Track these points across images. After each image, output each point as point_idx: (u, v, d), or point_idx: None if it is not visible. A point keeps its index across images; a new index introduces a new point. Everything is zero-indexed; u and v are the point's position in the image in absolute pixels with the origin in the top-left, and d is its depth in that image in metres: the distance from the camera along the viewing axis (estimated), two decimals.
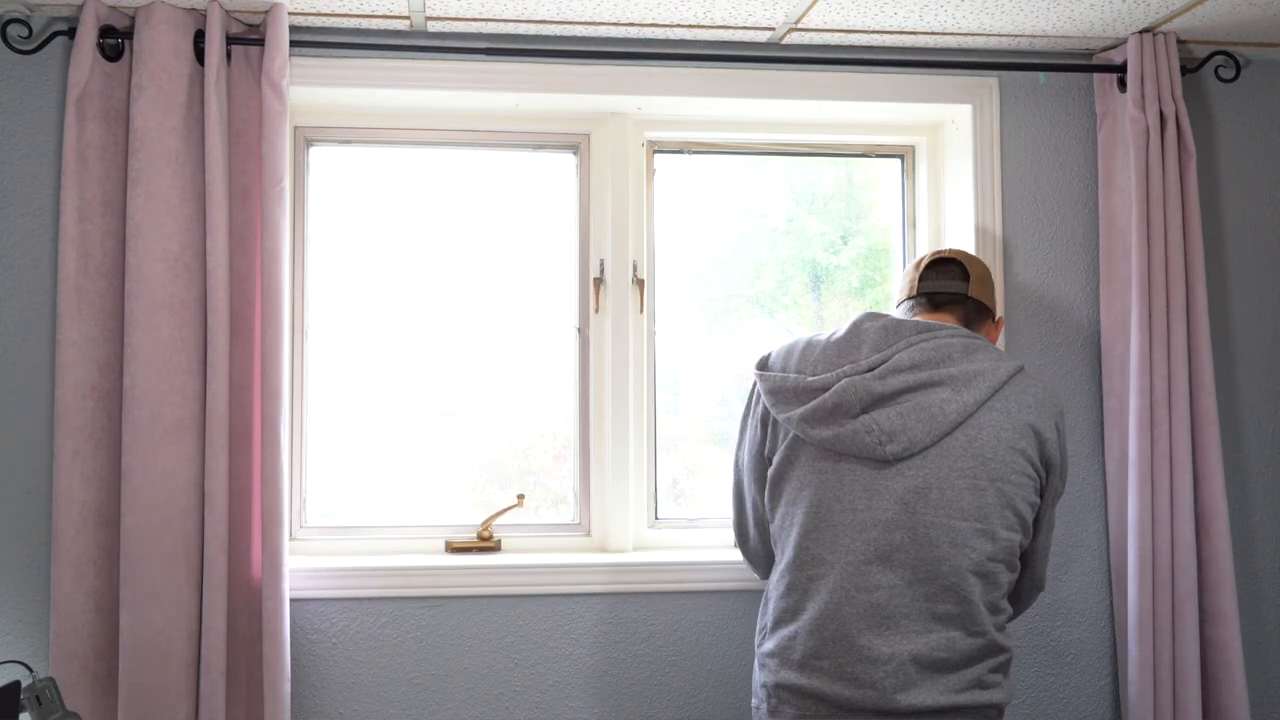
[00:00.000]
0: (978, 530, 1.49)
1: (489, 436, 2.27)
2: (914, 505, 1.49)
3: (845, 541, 1.50)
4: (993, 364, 1.55)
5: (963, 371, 1.52)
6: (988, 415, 1.51)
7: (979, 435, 1.51)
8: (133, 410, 1.86)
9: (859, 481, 1.51)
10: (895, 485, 1.50)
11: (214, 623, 1.85)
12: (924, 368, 1.52)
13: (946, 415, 1.49)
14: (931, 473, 1.49)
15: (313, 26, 2.05)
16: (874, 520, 1.49)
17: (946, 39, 2.13)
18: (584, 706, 2.10)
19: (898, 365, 1.52)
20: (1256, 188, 2.28)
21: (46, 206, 1.99)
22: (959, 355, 1.54)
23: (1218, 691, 2.07)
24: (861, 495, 1.51)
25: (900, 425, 1.49)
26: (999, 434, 1.51)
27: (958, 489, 1.49)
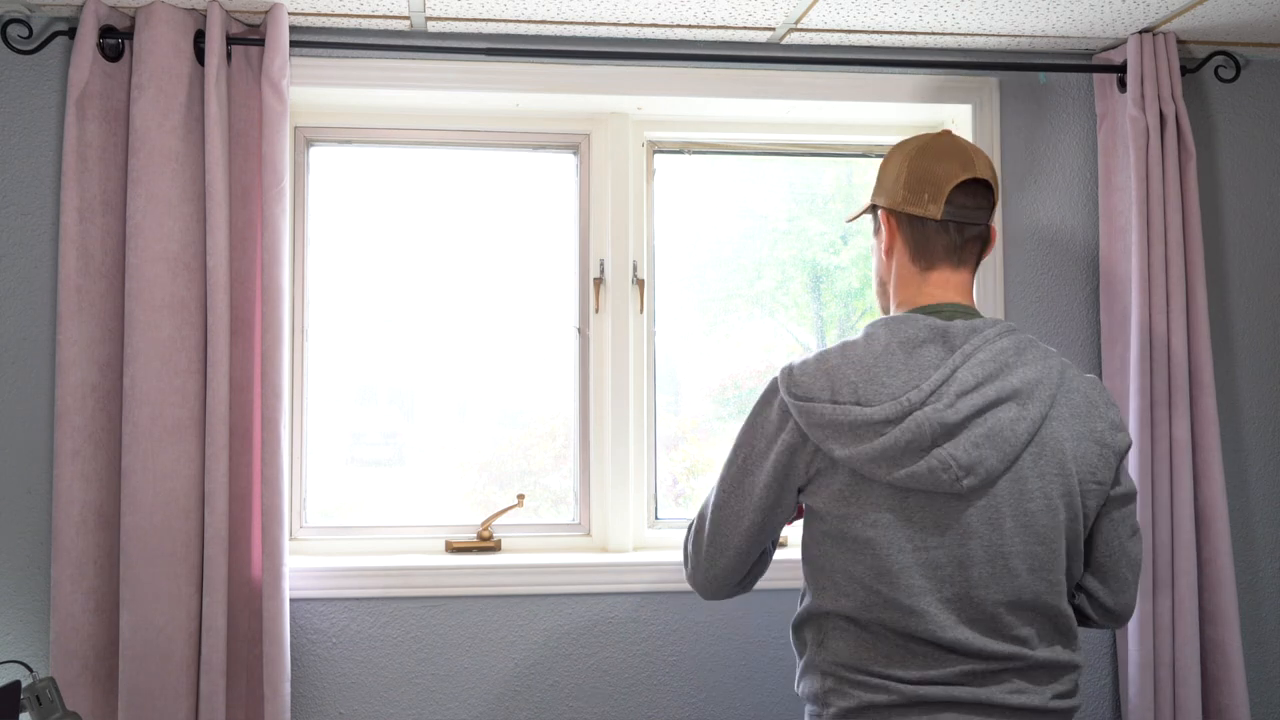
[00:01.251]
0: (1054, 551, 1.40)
1: (489, 436, 2.27)
2: (989, 537, 1.37)
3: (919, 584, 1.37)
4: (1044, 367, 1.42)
5: (1024, 382, 1.38)
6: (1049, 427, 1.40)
7: (1044, 450, 1.39)
8: (133, 410, 1.86)
9: (929, 517, 1.37)
10: (970, 518, 1.37)
11: (214, 622, 1.86)
12: (988, 383, 1.37)
13: (1018, 436, 1.36)
14: (1004, 498, 1.37)
15: (313, 26, 2.05)
16: (949, 557, 1.37)
17: (946, 39, 2.13)
18: (584, 706, 2.10)
19: (963, 386, 1.35)
20: (1256, 188, 2.28)
21: (46, 206, 1.99)
22: (1013, 358, 1.40)
23: (1218, 691, 2.07)
24: (934, 532, 1.37)
25: (977, 457, 1.34)
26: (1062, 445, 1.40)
27: (1031, 512, 1.38)
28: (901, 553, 1.38)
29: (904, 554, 1.37)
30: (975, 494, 1.37)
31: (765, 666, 2.14)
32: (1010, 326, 1.45)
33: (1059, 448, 1.40)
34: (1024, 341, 1.43)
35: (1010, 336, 1.42)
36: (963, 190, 1.46)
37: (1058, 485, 1.40)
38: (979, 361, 1.37)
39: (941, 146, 1.49)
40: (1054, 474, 1.39)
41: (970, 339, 1.40)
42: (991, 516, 1.37)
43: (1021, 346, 1.42)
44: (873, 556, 1.38)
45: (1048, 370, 1.41)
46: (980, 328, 1.42)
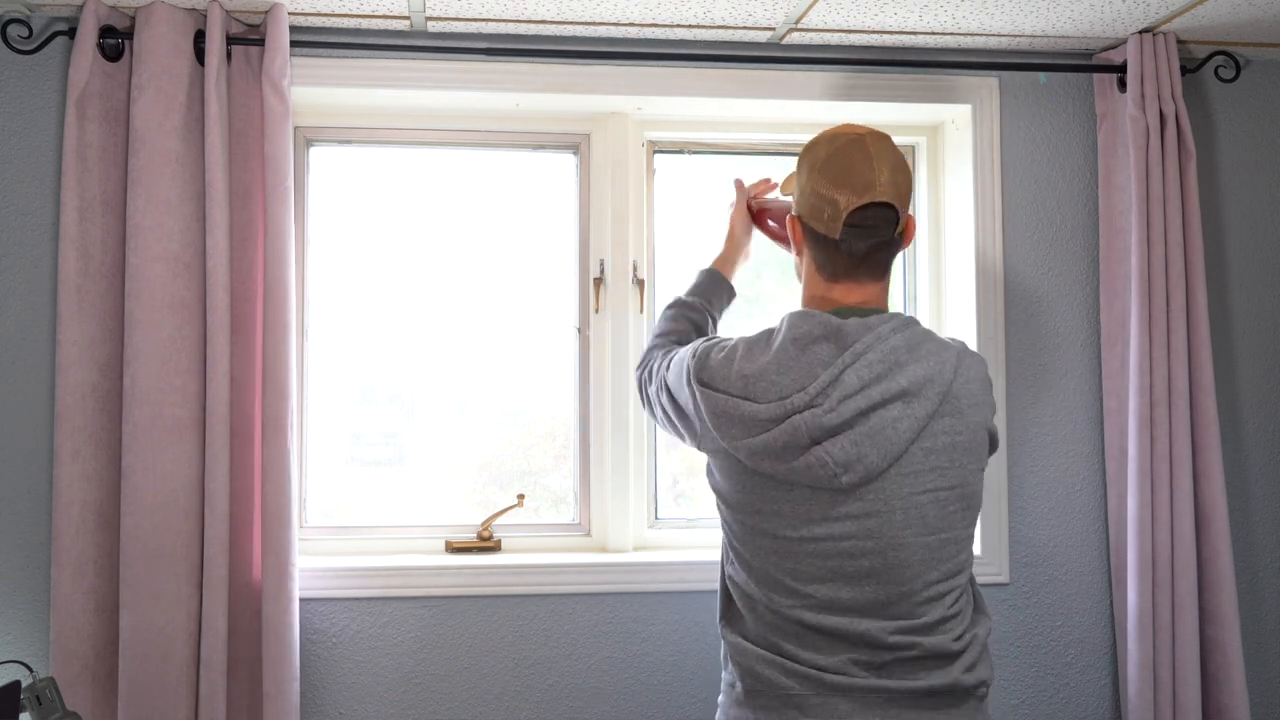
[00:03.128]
0: (944, 540, 1.44)
1: (489, 436, 2.27)
2: (878, 530, 1.41)
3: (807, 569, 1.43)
4: (938, 363, 1.44)
5: (912, 381, 1.41)
6: (940, 422, 1.43)
7: (935, 445, 1.43)
8: (133, 410, 1.86)
9: (815, 509, 1.43)
10: (854, 509, 1.42)
11: (214, 622, 1.86)
12: (873, 384, 1.40)
13: (900, 435, 1.40)
14: (892, 493, 1.42)
15: (313, 26, 2.05)
16: (836, 549, 1.42)
17: (946, 39, 2.13)
18: (584, 706, 2.10)
19: (846, 390, 1.39)
20: (1256, 188, 2.28)
21: (46, 206, 1.99)
22: (905, 357, 1.42)
23: (1218, 691, 2.07)
24: (820, 522, 1.43)
25: (855, 454, 1.39)
26: (954, 440, 1.44)
27: (921, 504, 1.42)
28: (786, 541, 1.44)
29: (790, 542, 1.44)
30: (860, 488, 1.41)
31: None
32: (906, 320, 1.47)
33: (952, 441, 1.44)
34: (918, 336, 1.45)
35: (904, 333, 1.44)
36: (859, 213, 1.46)
37: (948, 478, 1.44)
38: (867, 362, 1.41)
39: (844, 165, 1.47)
40: (945, 466, 1.43)
41: (863, 337, 1.43)
42: (879, 509, 1.42)
43: (915, 342, 1.44)
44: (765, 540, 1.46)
45: (940, 366, 1.44)
46: (874, 324, 1.44)
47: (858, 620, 1.43)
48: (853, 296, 1.51)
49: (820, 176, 1.49)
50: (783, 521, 1.44)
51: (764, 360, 1.45)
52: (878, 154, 1.48)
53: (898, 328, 1.44)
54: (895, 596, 1.43)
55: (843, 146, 1.49)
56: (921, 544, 1.43)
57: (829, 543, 1.42)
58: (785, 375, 1.42)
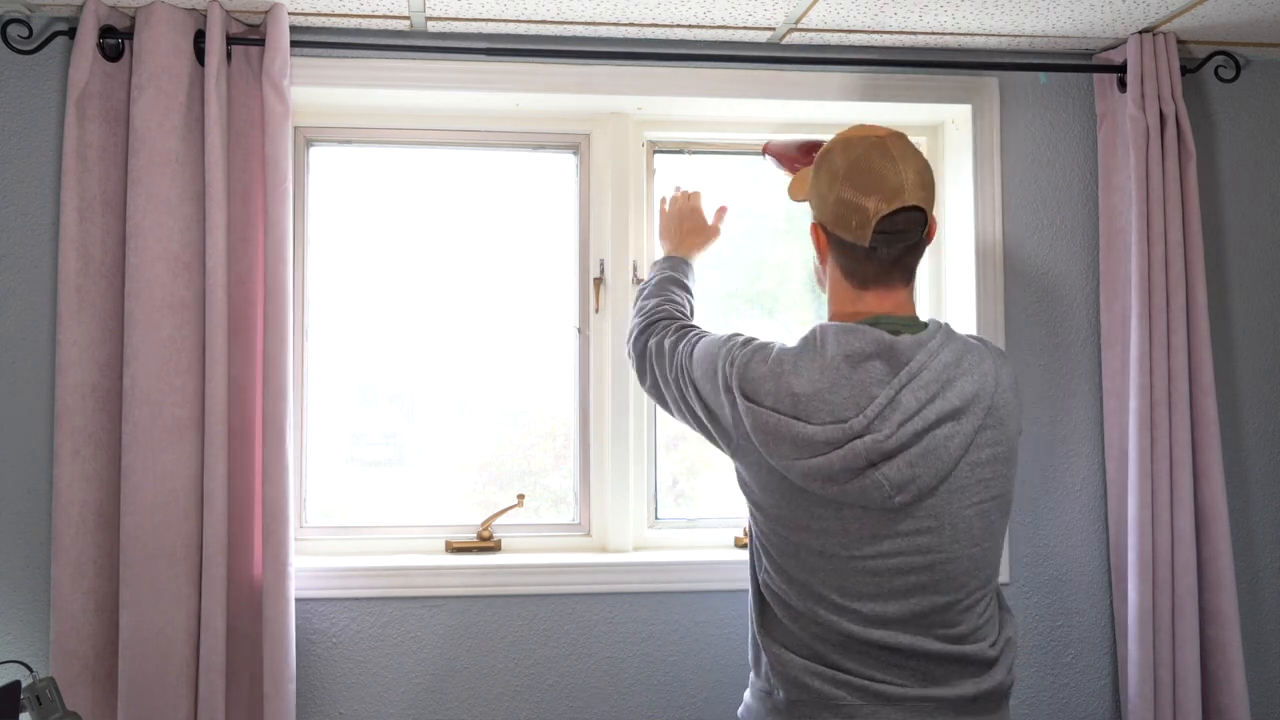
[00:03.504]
0: (987, 550, 1.45)
1: (489, 436, 2.27)
2: (927, 545, 1.41)
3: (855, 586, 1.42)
4: (982, 376, 1.43)
5: (963, 399, 1.40)
6: (984, 435, 1.43)
7: (979, 459, 1.43)
8: (133, 410, 1.86)
9: (867, 528, 1.41)
10: (905, 527, 1.40)
11: (213, 623, 1.85)
12: (929, 405, 1.38)
13: (951, 453, 1.39)
14: (942, 509, 1.41)
15: (313, 26, 2.05)
16: (885, 566, 1.41)
17: (946, 39, 2.13)
18: (584, 706, 2.10)
19: (905, 413, 1.37)
20: (1256, 188, 2.28)
21: (46, 206, 1.99)
22: (954, 373, 1.41)
23: (1218, 691, 2.07)
24: (869, 540, 1.41)
25: (910, 475, 1.38)
26: (996, 451, 1.44)
27: (967, 519, 1.42)
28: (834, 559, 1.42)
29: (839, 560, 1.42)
30: (910, 507, 1.40)
31: None
32: (949, 332, 1.46)
33: (994, 454, 1.44)
34: (961, 348, 1.45)
35: (950, 347, 1.44)
36: (889, 219, 1.44)
37: (992, 489, 1.44)
38: (923, 383, 1.39)
39: (869, 170, 1.44)
40: (989, 479, 1.44)
41: (916, 354, 1.41)
42: (930, 525, 1.41)
43: (960, 355, 1.44)
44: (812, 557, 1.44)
45: (984, 380, 1.44)
46: (924, 340, 1.43)
47: (899, 634, 1.42)
48: (885, 303, 1.49)
49: (845, 183, 1.46)
50: (832, 540, 1.42)
51: (815, 377, 1.40)
52: (901, 155, 1.45)
53: (944, 342, 1.44)
54: (940, 607, 1.42)
55: (865, 151, 1.46)
56: (969, 556, 1.43)
57: (879, 560, 1.41)
58: (839, 394, 1.39)
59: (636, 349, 1.76)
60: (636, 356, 1.76)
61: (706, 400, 1.54)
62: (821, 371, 1.40)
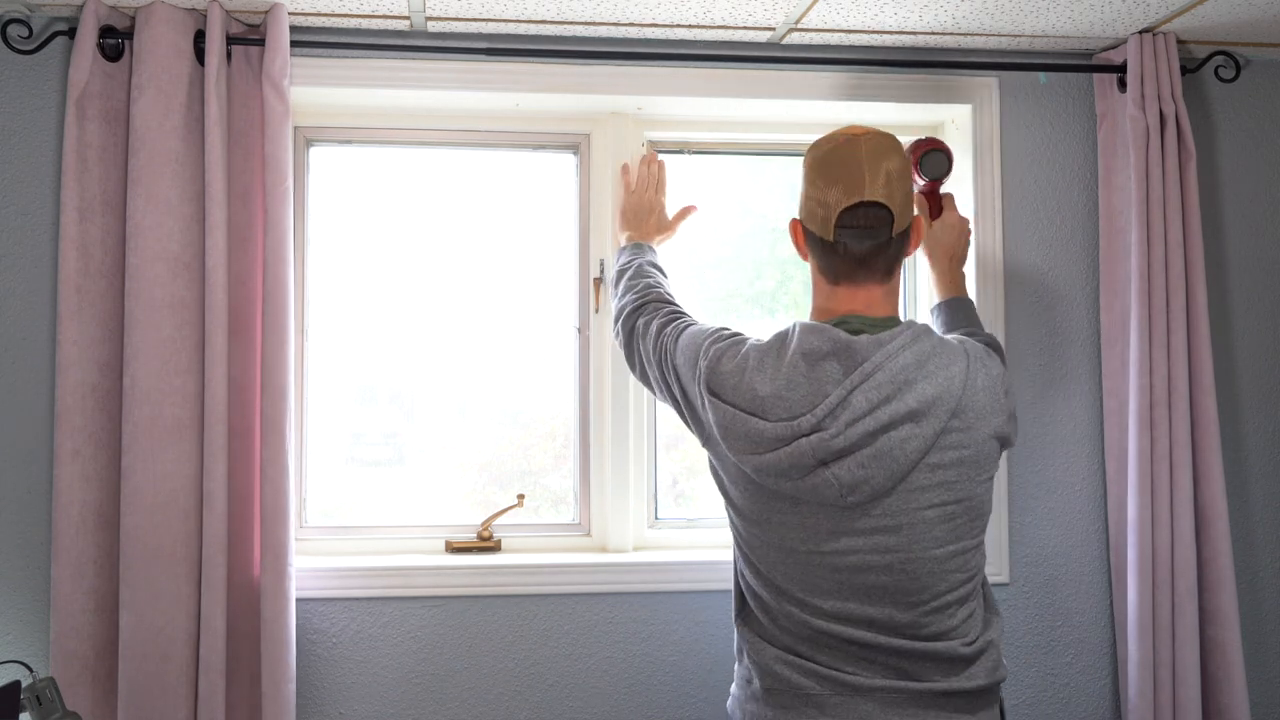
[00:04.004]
0: (953, 552, 1.43)
1: (489, 436, 2.27)
2: (885, 545, 1.41)
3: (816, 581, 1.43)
4: (947, 379, 1.41)
5: (921, 401, 1.38)
6: (950, 439, 1.41)
7: (941, 460, 1.41)
8: (133, 410, 1.86)
9: (823, 525, 1.42)
10: (862, 525, 1.41)
11: (213, 623, 1.85)
12: (882, 406, 1.37)
13: (908, 455, 1.38)
14: (900, 508, 1.40)
15: (313, 26, 2.05)
16: (844, 563, 1.42)
17: (946, 39, 2.13)
18: (584, 706, 2.10)
19: (855, 413, 1.37)
20: (1256, 188, 2.28)
21: (46, 206, 1.99)
22: (914, 374, 1.39)
23: (1218, 691, 2.07)
24: (828, 537, 1.42)
25: (862, 476, 1.37)
26: (961, 454, 1.42)
27: (929, 519, 1.41)
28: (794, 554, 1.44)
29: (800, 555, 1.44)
30: (867, 505, 1.41)
31: None
32: (916, 334, 1.43)
33: (959, 456, 1.42)
34: (928, 350, 1.42)
35: (913, 348, 1.41)
36: (850, 213, 1.45)
37: (955, 492, 1.42)
38: (876, 384, 1.38)
39: (836, 164, 1.46)
40: (951, 481, 1.42)
41: (872, 355, 1.40)
42: (886, 525, 1.41)
43: (924, 357, 1.41)
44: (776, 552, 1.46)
45: (949, 382, 1.41)
46: (884, 341, 1.41)
47: (864, 631, 1.43)
48: (855, 301, 1.49)
49: (814, 176, 1.48)
50: (792, 534, 1.44)
51: (774, 375, 1.42)
52: (871, 153, 1.44)
53: (907, 343, 1.41)
54: (904, 608, 1.43)
55: (837, 146, 1.47)
56: (930, 558, 1.42)
57: (839, 557, 1.42)
58: (794, 392, 1.40)
59: (625, 328, 1.77)
60: (625, 334, 1.76)
61: (685, 388, 1.57)
62: (778, 370, 1.42)
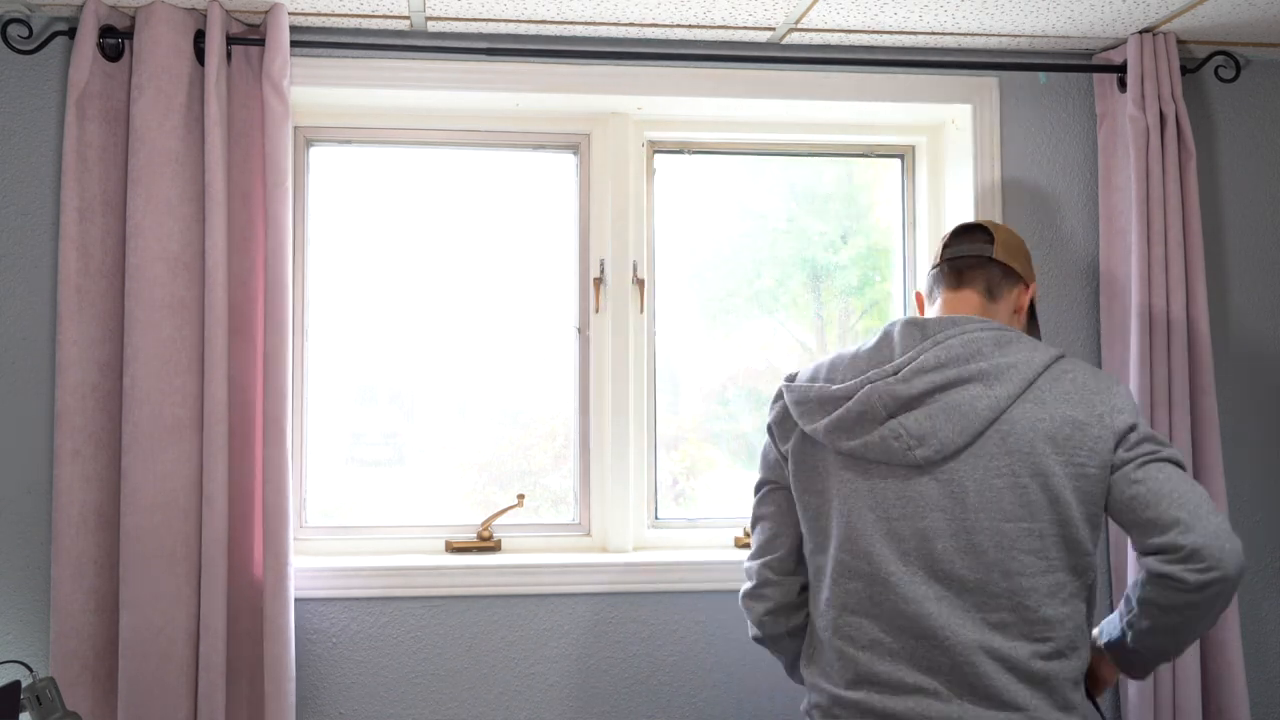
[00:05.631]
0: (1025, 530, 1.38)
1: (489, 436, 2.27)
2: (953, 511, 1.39)
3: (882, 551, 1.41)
4: (1027, 355, 1.43)
5: (994, 365, 1.40)
6: (1021, 408, 1.40)
7: (1013, 429, 1.39)
8: (133, 410, 1.86)
9: (891, 490, 1.42)
10: (930, 490, 1.40)
11: (213, 623, 1.85)
12: (951, 365, 1.40)
13: (978, 412, 1.38)
14: (967, 474, 1.39)
15: (313, 26, 2.05)
16: (912, 529, 1.40)
17: (946, 39, 2.13)
18: (584, 706, 2.10)
19: (923, 365, 1.41)
20: (1256, 188, 2.28)
21: (46, 206, 1.99)
22: (990, 349, 1.42)
23: (1218, 691, 2.07)
24: (896, 503, 1.41)
25: (930, 427, 1.38)
26: (1035, 425, 1.39)
27: (997, 489, 1.38)
28: (863, 521, 1.44)
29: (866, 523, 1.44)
30: (934, 467, 1.41)
31: (766, 666, 2.13)
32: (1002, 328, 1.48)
33: (1032, 428, 1.40)
34: (1011, 338, 1.46)
35: (994, 333, 1.46)
36: (955, 236, 1.65)
37: (1028, 465, 1.39)
38: (948, 346, 1.44)
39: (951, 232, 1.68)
40: (1024, 453, 1.40)
41: (950, 330, 1.47)
42: (954, 491, 1.40)
43: (1005, 341, 1.45)
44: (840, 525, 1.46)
45: (1029, 359, 1.43)
46: (960, 322, 1.48)
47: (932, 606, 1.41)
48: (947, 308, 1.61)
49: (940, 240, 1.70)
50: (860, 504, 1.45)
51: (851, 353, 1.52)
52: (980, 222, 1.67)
53: (988, 327, 1.47)
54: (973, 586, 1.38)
55: None
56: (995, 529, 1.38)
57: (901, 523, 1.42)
58: (866, 360, 1.49)
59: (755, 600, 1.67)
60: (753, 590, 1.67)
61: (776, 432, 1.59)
62: (859, 348, 1.52)
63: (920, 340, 1.46)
